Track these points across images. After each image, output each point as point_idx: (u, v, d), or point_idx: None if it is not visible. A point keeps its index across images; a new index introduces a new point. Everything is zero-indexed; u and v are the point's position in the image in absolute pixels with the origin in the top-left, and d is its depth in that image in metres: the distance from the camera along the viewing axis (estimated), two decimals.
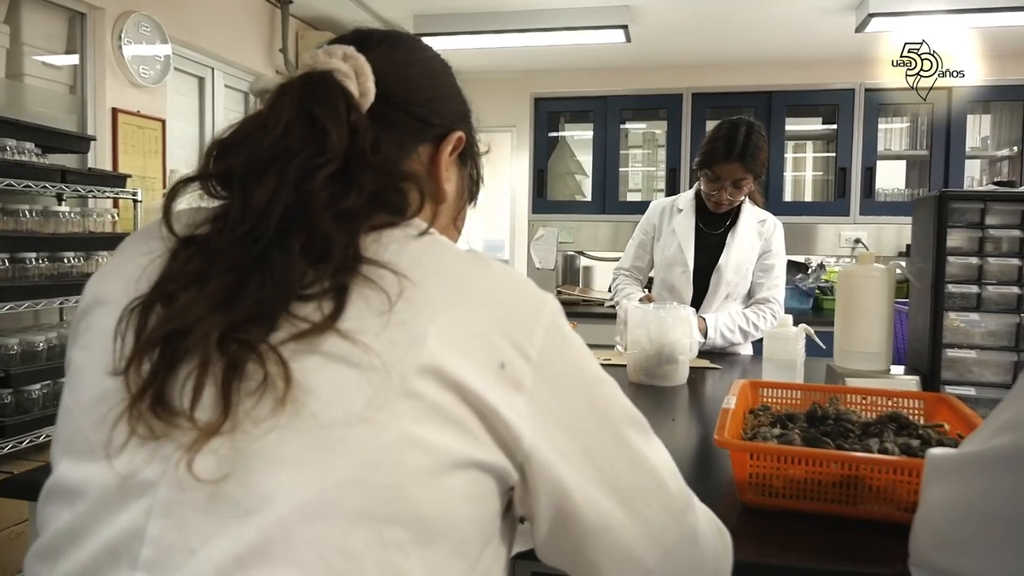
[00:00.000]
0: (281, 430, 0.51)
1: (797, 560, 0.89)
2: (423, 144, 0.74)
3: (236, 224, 0.58)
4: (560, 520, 0.61)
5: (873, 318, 1.45)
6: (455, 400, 0.54)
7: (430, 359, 0.54)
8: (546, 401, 0.59)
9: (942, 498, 0.74)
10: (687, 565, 0.67)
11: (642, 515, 0.63)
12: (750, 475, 0.98)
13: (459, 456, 0.54)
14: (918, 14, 3.72)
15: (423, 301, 0.56)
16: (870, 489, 0.93)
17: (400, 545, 0.52)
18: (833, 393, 1.31)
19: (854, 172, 3.73)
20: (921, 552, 0.75)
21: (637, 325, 1.79)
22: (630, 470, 0.64)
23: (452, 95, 0.79)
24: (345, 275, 0.56)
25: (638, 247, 2.46)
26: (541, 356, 0.59)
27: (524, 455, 0.58)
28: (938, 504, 0.74)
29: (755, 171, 2.18)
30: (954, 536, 0.72)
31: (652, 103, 4.11)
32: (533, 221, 4.13)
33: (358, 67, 0.68)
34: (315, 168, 0.60)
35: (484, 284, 0.61)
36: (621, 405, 0.66)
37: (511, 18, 4.06)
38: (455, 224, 0.81)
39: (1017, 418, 0.66)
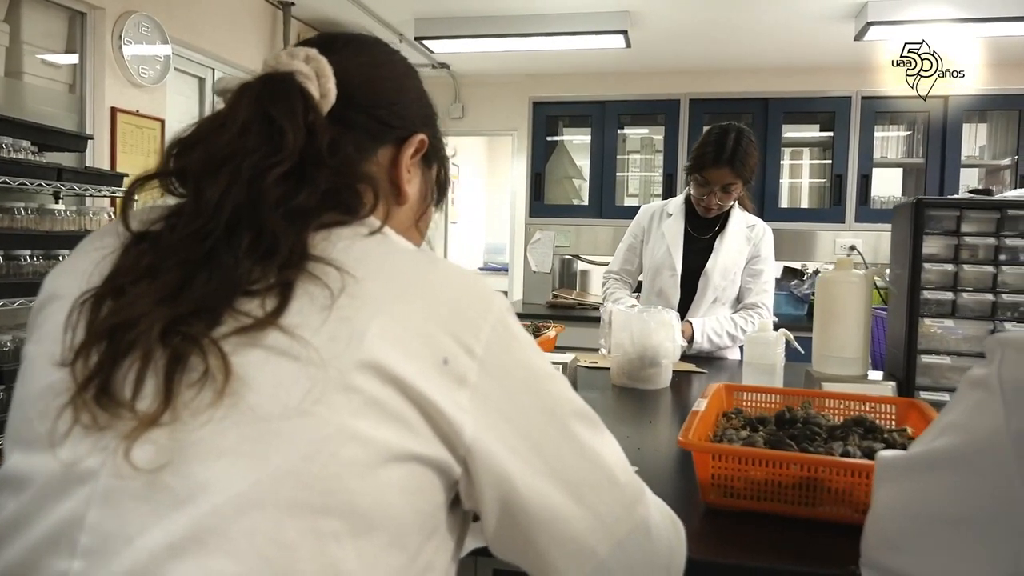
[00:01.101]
0: (219, 422, 0.53)
1: (756, 560, 0.90)
2: (384, 146, 0.76)
3: (188, 221, 0.60)
4: (507, 513, 0.62)
5: (850, 323, 1.46)
6: (395, 395, 0.56)
7: (369, 354, 0.55)
8: (491, 396, 0.60)
9: (889, 499, 0.75)
10: (640, 556, 0.68)
11: (592, 507, 0.65)
12: (712, 476, 0.99)
13: (397, 449, 0.56)
14: (916, 23, 3.72)
15: (366, 298, 0.58)
16: (828, 491, 0.95)
17: (335, 536, 0.53)
18: (806, 397, 1.32)
19: (850, 179, 3.74)
20: (871, 553, 0.76)
21: (620, 328, 1.80)
22: (579, 463, 0.65)
23: (416, 98, 0.80)
24: (291, 272, 0.58)
25: (627, 251, 2.48)
26: (487, 353, 0.61)
27: (466, 449, 0.59)
28: (886, 505, 0.75)
29: (744, 176, 2.19)
30: (900, 537, 0.73)
31: (650, 108, 4.13)
32: (530, 224, 4.14)
33: (319, 69, 0.69)
34: (269, 167, 0.62)
35: (430, 282, 0.62)
36: (570, 400, 0.67)
37: (512, 22, 4.08)
38: (418, 225, 0.82)
39: (958, 420, 0.67)
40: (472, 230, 7.56)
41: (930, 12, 3.66)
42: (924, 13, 3.66)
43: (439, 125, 0.85)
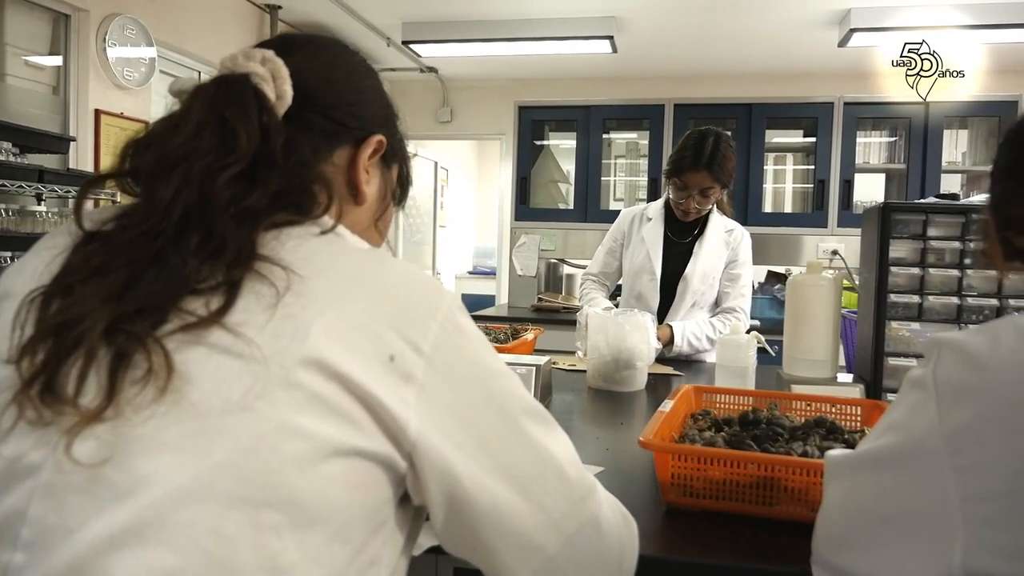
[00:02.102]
0: (161, 417, 0.54)
1: (715, 559, 0.91)
2: (342, 146, 0.77)
3: (139, 221, 0.61)
4: (454, 508, 0.63)
5: (819, 326, 1.48)
6: (339, 391, 0.57)
7: (313, 351, 0.56)
8: (438, 393, 0.61)
9: (837, 498, 0.77)
10: (590, 551, 0.69)
11: (540, 502, 0.65)
12: (672, 476, 1.00)
13: (340, 444, 0.57)
14: (899, 30, 3.76)
15: (311, 296, 0.59)
16: (785, 490, 0.96)
17: (275, 529, 0.54)
18: (773, 399, 1.33)
19: (833, 184, 3.77)
20: (820, 551, 0.78)
21: (596, 331, 1.81)
22: (528, 459, 0.66)
23: (375, 99, 0.81)
24: (238, 271, 0.59)
25: (607, 254, 2.49)
26: (435, 350, 0.62)
27: (411, 444, 0.60)
28: (833, 504, 0.77)
29: (722, 180, 2.21)
30: (845, 535, 0.74)
31: (635, 113, 4.15)
32: (515, 228, 4.16)
33: (275, 71, 0.70)
34: (221, 168, 0.63)
35: (378, 280, 0.63)
36: (520, 398, 0.68)
37: (499, 27, 4.10)
38: (377, 225, 0.83)
39: (897, 420, 0.68)
40: (461, 234, 7.57)
41: (913, 19, 3.69)
42: (907, 20, 3.70)
43: (399, 126, 0.86)
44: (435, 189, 6.52)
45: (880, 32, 3.77)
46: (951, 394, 0.62)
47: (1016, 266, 0.76)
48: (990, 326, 0.63)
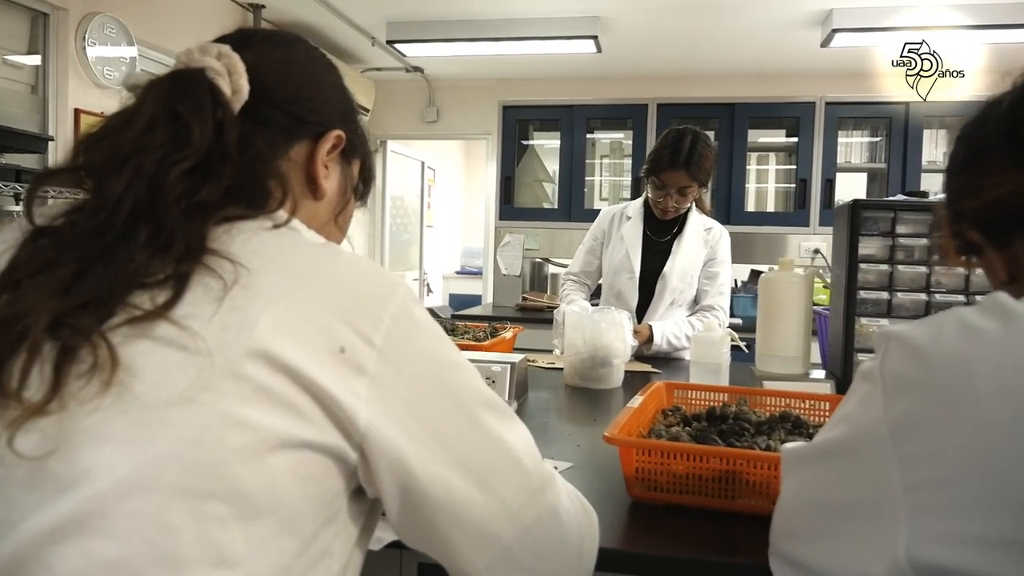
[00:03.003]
0: (106, 410, 0.54)
1: (678, 552, 0.92)
2: (299, 141, 0.77)
3: (88, 216, 0.62)
4: (408, 498, 0.63)
5: (791, 322, 1.49)
6: (286, 382, 0.57)
7: (259, 343, 0.57)
8: (391, 384, 0.62)
9: (791, 490, 0.77)
10: (548, 542, 0.70)
11: (497, 493, 0.66)
12: (636, 470, 1.01)
13: (287, 436, 0.57)
14: (881, 31, 3.79)
15: (259, 289, 0.59)
16: (747, 484, 0.97)
17: (220, 520, 0.54)
18: (744, 394, 1.34)
19: (814, 184, 3.79)
20: (776, 542, 0.79)
21: (573, 329, 1.82)
22: (483, 449, 0.66)
23: (334, 94, 0.82)
24: (187, 265, 0.59)
25: (587, 253, 2.50)
26: (387, 342, 0.62)
27: (360, 435, 0.60)
28: (788, 496, 0.78)
29: (700, 179, 2.22)
30: (797, 525, 0.75)
31: (619, 113, 4.17)
32: (500, 228, 4.16)
33: (231, 65, 0.71)
34: (173, 163, 0.63)
35: (328, 273, 0.64)
36: (475, 389, 0.69)
37: (484, 27, 4.10)
38: (337, 220, 0.83)
39: (848, 412, 0.69)
40: (449, 234, 7.57)
41: (894, 20, 3.72)
42: (888, 21, 3.73)
43: (360, 121, 0.86)
44: (422, 189, 6.52)
45: (862, 32, 3.80)
46: (896, 385, 0.63)
47: (969, 260, 0.78)
48: (935, 318, 0.64)
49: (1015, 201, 0.67)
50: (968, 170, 0.74)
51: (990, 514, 0.55)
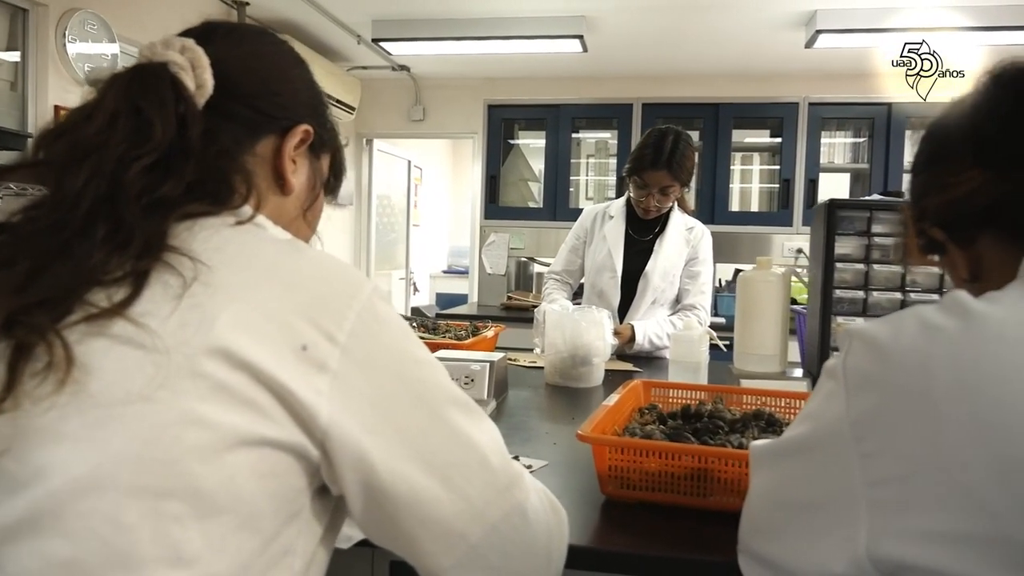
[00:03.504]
0: (61, 408, 0.53)
1: (651, 550, 0.92)
2: (266, 136, 0.76)
3: (47, 212, 0.61)
4: (371, 496, 0.63)
5: (768, 321, 1.50)
6: (246, 380, 0.57)
7: (218, 340, 0.56)
8: (354, 382, 0.61)
9: (758, 486, 0.78)
10: (516, 540, 0.69)
11: (462, 491, 0.66)
12: (609, 468, 1.01)
13: (246, 434, 0.57)
14: (865, 32, 3.81)
15: (219, 286, 0.59)
16: (719, 481, 0.97)
17: (177, 518, 0.54)
18: (720, 393, 1.35)
19: (798, 184, 3.81)
20: (744, 539, 0.79)
21: (553, 327, 1.82)
22: (449, 447, 0.66)
23: (301, 88, 0.81)
24: (146, 262, 0.59)
25: (570, 252, 2.51)
26: (351, 339, 0.62)
27: (322, 432, 0.60)
28: (754, 492, 0.78)
29: (682, 179, 2.23)
30: (763, 522, 0.75)
31: (604, 112, 4.18)
32: (485, 227, 4.16)
33: (195, 59, 0.70)
34: (134, 159, 0.63)
35: (292, 270, 0.63)
36: (441, 386, 0.68)
37: (470, 25, 4.09)
38: (306, 216, 0.83)
39: (813, 410, 0.69)
40: (436, 233, 7.56)
41: (878, 21, 3.74)
42: (872, 22, 3.75)
43: (329, 115, 0.86)
44: (408, 188, 6.50)
45: (846, 34, 3.82)
46: (857, 383, 0.63)
47: (932, 259, 0.78)
48: (897, 316, 0.64)
49: (977, 199, 0.68)
50: (932, 168, 0.74)
51: (947, 510, 0.55)
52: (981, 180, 0.67)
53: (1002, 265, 0.68)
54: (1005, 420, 0.53)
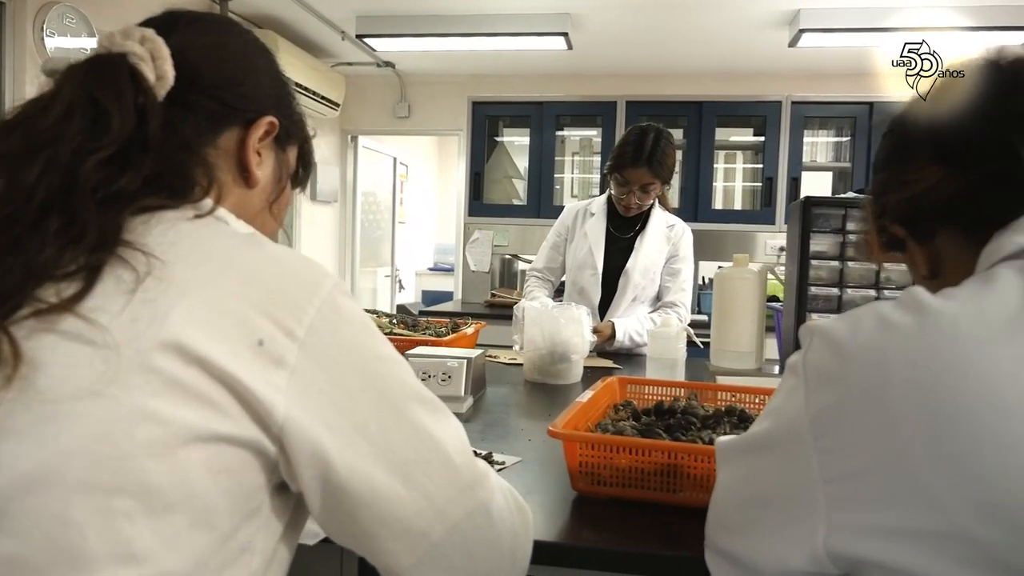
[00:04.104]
0: (8, 404, 0.53)
1: (621, 545, 0.92)
2: (229, 128, 0.75)
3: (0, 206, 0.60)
4: (329, 493, 0.63)
5: (745, 319, 1.51)
6: (200, 375, 0.56)
7: (171, 335, 0.56)
8: (312, 377, 0.61)
9: (723, 482, 0.78)
10: (479, 539, 0.68)
11: (423, 489, 0.65)
12: (580, 464, 1.01)
13: (200, 430, 0.56)
14: (848, 31, 3.83)
15: (173, 280, 0.58)
16: (688, 477, 0.97)
17: (128, 515, 0.53)
18: (695, 389, 1.35)
19: (780, 182, 3.83)
20: (709, 534, 0.79)
21: (531, 324, 1.82)
22: (410, 445, 0.65)
23: (266, 79, 0.80)
24: (99, 256, 0.58)
25: (551, 249, 2.51)
26: (310, 335, 0.61)
27: (279, 428, 0.59)
28: (719, 488, 0.78)
29: (662, 176, 2.23)
30: (728, 518, 0.75)
31: (588, 110, 4.18)
32: (469, 224, 4.16)
33: (155, 50, 0.69)
34: (90, 152, 0.62)
35: (250, 264, 0.63)
36: (404, 383, 0.68)
37: (454, 22, 4.08)
38: (271, 209, 0.82)
39: (775, 405, 0.70)
40: (421, 231, 7.55)
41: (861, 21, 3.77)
42: (856, 21, 3.77)
43: (296, 106, 0.85)
44: (394, 185, 6.49)
45: (829, 33, 3.84)
46: (816, 379, 0.63)
47: (893, 256, 0.79)
48: (855, 312, 0.65)
49: (935, 196, 0.68)
50: (892, 165, 0.75)
51: (901, 506, 0.56)
52: (940, 176, 0.67)
53: (960, 261, 0.68)
54: (956, 416, 0.53)
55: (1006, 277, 0.59)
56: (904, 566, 0.56)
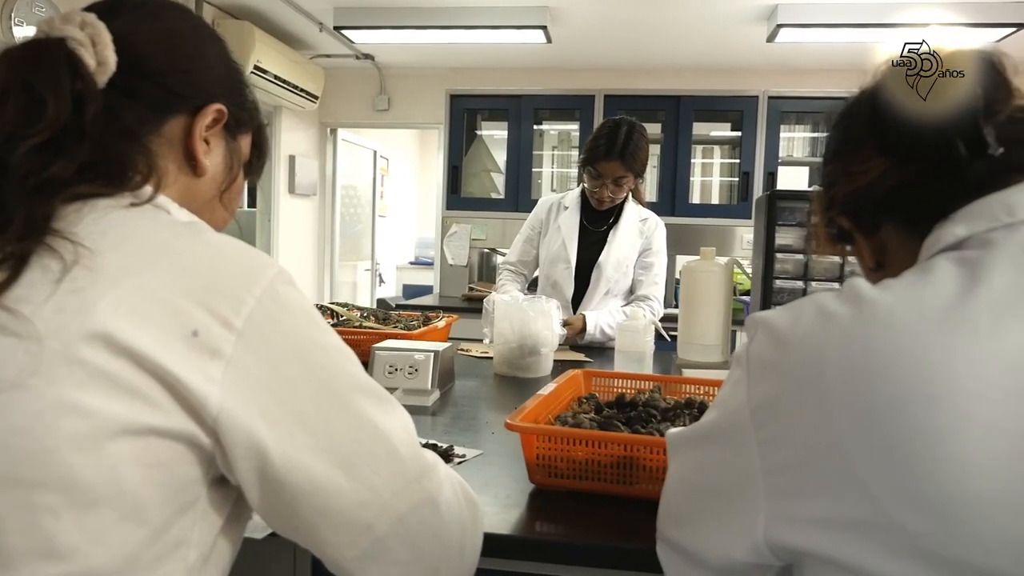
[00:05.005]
0: None
1: (577, 538, 0.92)
2: (176, 115, 0.74)
3: None
4: (267, 485, 0.62)
5: (711, 311, 1.51)
6: (129, 367, 0.55)
7: (99, 326, 0.55)
8: (250, 368, 0.60)
9: (672, 474, 0.78)
10: (425, 532, 0.68)
11: (367, 481, 0.64)
12: (537, 457, 1.01)
13: (129, 423, 0.55)
14: (825, 27, 3.85)
15: (102, 269, 0.57)
16: (644, 469, 0.97)
17: (51, 510, 0.52)
18: (659, 382, 1.35)
19: (757, 176, 3.84)
20: (660, 526, 0.79)
21: (501, 317, 1.82)
22: (353, 436, 0.64)
23: (216, 66, 0.78)
24: (26, 245, 0.57)
25: (525, 243, 2.50)
26: (249, 325, 0.60)
27: (213, 420, 0.58)
28: (668, 479, 0.78)
29: (635, 169, 2.23)
30: (676, 509, 0.76)
31: (566, 104, 4.18)
32: (447, 218, 4.14)
33: (95, 35, 0.67)
34: (22, 138, 0.60)
35: (186, 253, 0.62)
36: (348, 374, 0.67)
37: (433, 14, 4.06)
38: (222, 199, 0.81)
39: (722, 397, 0.70)
40: (403, 224, 7.51)
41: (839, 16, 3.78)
42: (833, 17, 3.79)
43: (247, 93, 0.83)
44: (374, 178, 6.45)
45: (807, 28, 3.85)
46: (758, 370, 0.63)
47: (841, 248, 0.79)
48: (797, 303, 0.65)
49: (879, 188, 0.68)
50: (839, 158, 0.75)
51: (835, 496, 0.56)
52: (883, 168, 0.68)
53: (904, 253, 0.69)
54: (887, 406, 0.53)
55: (943, 268, 0.59)
56: (838, 556, 0.56)
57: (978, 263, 0.57)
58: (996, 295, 0.54)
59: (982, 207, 0.62)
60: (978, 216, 0.62)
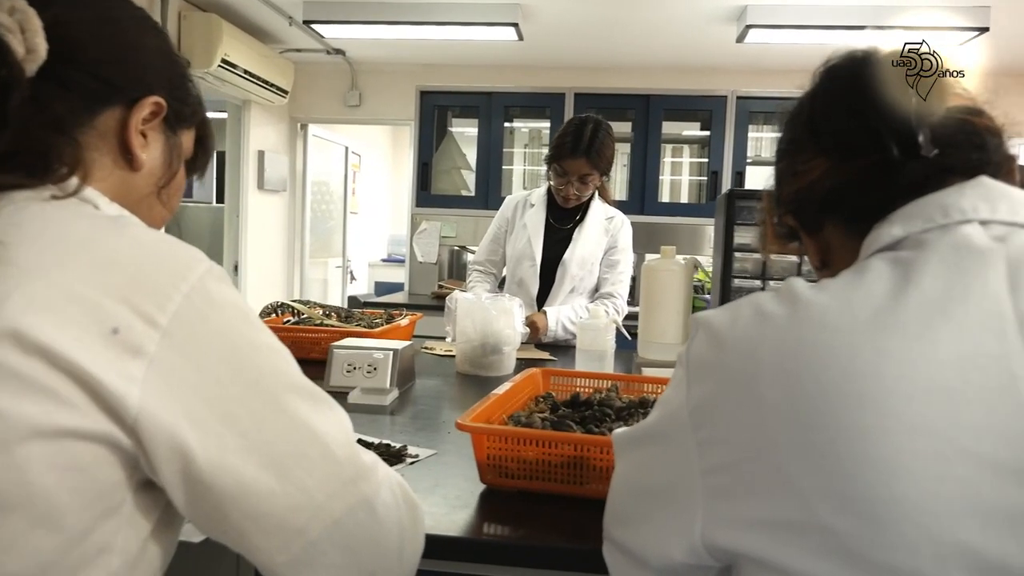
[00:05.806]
0: None
1: (526, 539, 0.91)
2: (110, 107, 0.71)
3: None
4: (192, 488, 0.60)
5: (671, 310, 1.51)
6: (41, 366, 0.53)
7: (8, 323, 0.52)
8: (175, 367, 0.58)
9: (616, 473, 0.78)
10: (361, 536, 0.66)
11: (300, 483, 0.62)
12: (487, 457, 1.00)
13: (42, 425, 0.53)
14: (794, 28, 3.88)
15: (15, 263, 0.55)
16: (594, 469, 0.97)
17: None
18: (616, 381, 1.35)
19: (725, 176, 3.87)
20: (606, 526, 0.79)
21: (463, 316, 1.80)
22: (286, 437, 0.63)
23: (155, 58, 0.76)
24: None
25: (492, 241, 2.49)
26: (174, 322, 0.58)
27: (133, 420, 0.56)
28: (614, 479, 0.78)
29: (601, 167, 2.23)
30: (620, 509, 0.75)
31: (537, 101, 4.17)
32: (416, 215, 4.12)
33: (25, 21, 0.65)
34: None
35: (107, 248, 0.59)
36: (283, 374, 0.65)
37: (404, 9, 4.02)
38: (160, 195, 0.78)
39: (665, 397, 0.69)
40: (375, 221, 7.46)
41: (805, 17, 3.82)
42: (800, 18, 3.82)
43: (189, 87, 0.81)
44: (346, 174, 6.40)
45: (776, 29, 3.88)
46: (697, 370, 0.63)
47: (788, 247, 0.79)
48: (737, 303, 0.64)
49: (820, 187, 0.68)
50: (786, 157, 0.75)
51: (767, 497, 0.55)
52: (824, 168, 0.68)
53: (845, 252, 0.69)
54: (818, 407, 0.53)
55: (877, 268, 0.59)
56: (771, 558, 0.56)
57: (910, 264, 0.57)
58: (926, 296, 0.54)
59: (919, 208, 0.62)
60: (914, 217, 0.62)
